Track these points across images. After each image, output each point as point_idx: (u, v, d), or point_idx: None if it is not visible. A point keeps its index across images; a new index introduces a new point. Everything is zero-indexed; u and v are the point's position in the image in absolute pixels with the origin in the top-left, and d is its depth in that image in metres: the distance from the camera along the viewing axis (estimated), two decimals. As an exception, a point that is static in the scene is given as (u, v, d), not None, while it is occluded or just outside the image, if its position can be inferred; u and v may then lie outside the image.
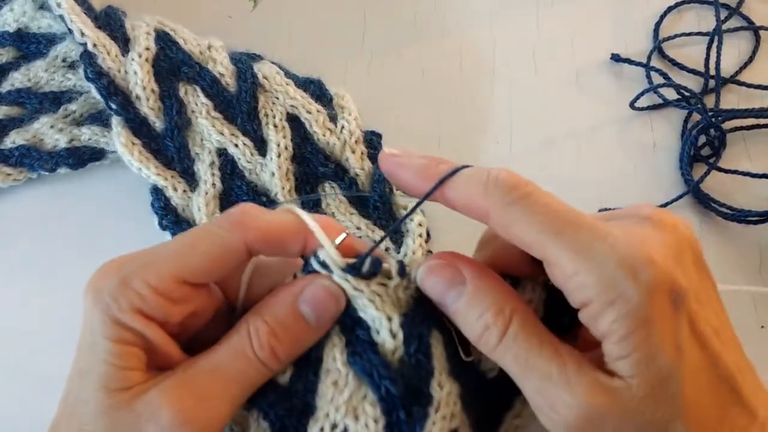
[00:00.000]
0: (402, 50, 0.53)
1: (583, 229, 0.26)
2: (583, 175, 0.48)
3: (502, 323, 0.27)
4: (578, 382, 0.25)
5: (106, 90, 0.44)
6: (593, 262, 0.25)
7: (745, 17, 0.53)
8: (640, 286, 0.25)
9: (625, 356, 0.25)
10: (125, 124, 0.44)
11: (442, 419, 0.27)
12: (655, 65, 0.51)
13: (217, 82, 0.45)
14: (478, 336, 0.27)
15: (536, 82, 0.52)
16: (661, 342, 0.25)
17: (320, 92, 0.47)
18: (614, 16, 0.55)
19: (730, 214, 0.45)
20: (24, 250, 0.45)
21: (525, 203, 0.27)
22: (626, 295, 0.25)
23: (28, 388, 0.40)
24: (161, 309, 0.27)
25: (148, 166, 0.44)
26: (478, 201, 0.28)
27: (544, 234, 0.26)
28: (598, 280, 0.25)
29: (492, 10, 0.55)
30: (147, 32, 0.45)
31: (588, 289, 0.25)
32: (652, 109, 0.50)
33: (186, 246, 0.28)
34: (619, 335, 0.25)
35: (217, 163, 0.44)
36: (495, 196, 0.27)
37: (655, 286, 0.25)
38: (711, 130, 0.47)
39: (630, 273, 0.25)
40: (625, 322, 0.25)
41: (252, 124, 0.45)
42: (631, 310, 0.25)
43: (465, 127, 0.50)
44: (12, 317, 0.43)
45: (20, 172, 0.46)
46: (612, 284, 0.25)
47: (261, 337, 0.28)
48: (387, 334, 0.28)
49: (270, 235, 0.29)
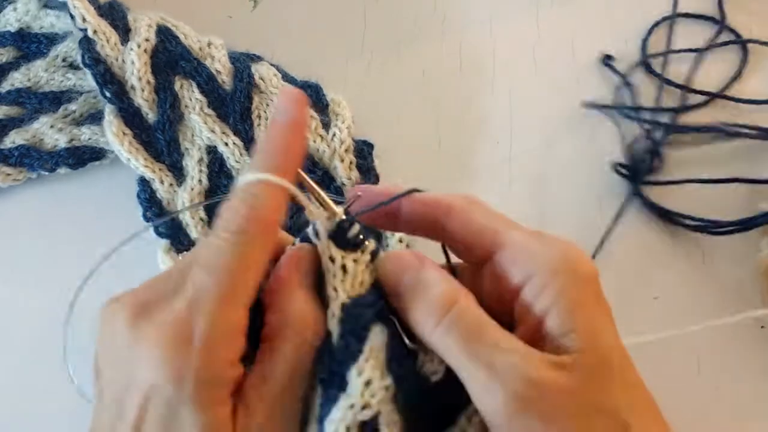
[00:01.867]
0: (402, 50, 0.53)
1: (521, 230, 0.28)
2: (585, 174, 0.48)
3: (448, 300, 0.27)
4: (531, 355, 0.25)
5: (102, 77, 0.44)
6: (541, 243, 0.27)
7: (732, 31, 0.53)
8: (582, 271, 0.27)
9: (572, 330, 0.25)
10: (118, 114, 0.44)
11: (348, 407, 0.26)
12: (640, 76, 0.51)
13: (213, 79, 0.45)
14: (420, 316, 0.27)
15: (536, 82, 0.52)
16: (605, 324, 0.26)
17: (317, 97, 0.47)
18: (614, 16, 0.55)
19: (694, 226, 0.44)
20: (24, 250, 0.45)
21: (482, 205, 0.29)
22: (570, 272, 0.26)
23: (27, 388, 0.40)
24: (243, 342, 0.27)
25: (137, 157, 0.44)
26: (440, 206, 0.29)
27: (500, 222, 0.29)
28: (546, 252, 0.27)
29: (492, 10, 0.55)
30: (149, 24, 0.46)
31: (535, 260, 0.27)
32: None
33: (236, 274, 0.26)
34: (565, 307, 0.26)
35: (206, 160, 0.44)
36: (454, 197, 0.29)
37: (593, 280, 0.27)
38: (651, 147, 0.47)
39: (574, 259, 0.27)
40: (569, 295, 0.26)
41: (244, 124, 0.45)
42: (575, 286, 0.26)
43: (465, 128, 0.50)
44: (12, 317, 0.43)
45: (20, 172, 0.46)
46: (559, 259, 0.27)
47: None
48: (330, 314, 0.28)
49: (279, 218, 0.28)
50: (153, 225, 0.43)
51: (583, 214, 0.46)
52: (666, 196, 0.46)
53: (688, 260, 0.44)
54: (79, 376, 0.35)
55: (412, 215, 0.30)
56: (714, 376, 0.40)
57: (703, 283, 0.43)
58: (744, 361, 0.41)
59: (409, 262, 0.29)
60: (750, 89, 0.51)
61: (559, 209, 0.46)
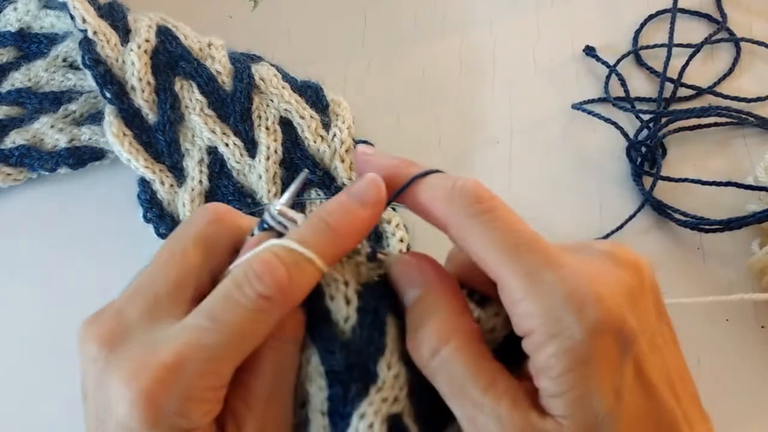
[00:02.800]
0: (402, 50, 0.53)
1: (537, 255, 0.25)
2: (584, 174, 0.48)
3: (441, 339, 0.26)
4: (510, 421, 0.24)
5: (102, 78, 0.44)
6: (541, 291, 0.24)
7: (727, 29, 0.53)
8: (584, 324, 0.24)
9: (560, 394, 0.24)
10: (118, 114, 0.44)
11: (381, 401, 0.26)
12: (627, 69, 0.52)
13: (213, 79, 0.45)
14: (415, 346, 0.26)
15: (536, 82, 0.52)
16: (600, 385, 0.24)
17: (317, 97, 0.47)
18: (615, 16, 0.55)
19: (684, 221, 0.44)
20: (24, 250, 0.45)
21: (485, 218, 0.26)
22: (569, 330, 0.24)
23: (27, 388, 0.40)
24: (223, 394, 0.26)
25: (138, 158, 0.44)
26: (440, 208, 0.27)
27: (499, 252, 0.25)
28: (543, 310, 0.24)
29: (492, 10, 0.55)
30: (149, 25, 0.46)
31: (532, 319, 0.24)
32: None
33: (243, 338, 0.25)
34: (557, 371, 0.24)
35: (206, 160, 0.44)
36: (457, 206, 0.26)
37: (601, 326, 0.24)
38: (648, 141, 0.47)
39: (576, 308, 0.24)
40: (563, 359, 0.24)
41: (244, 124, 0.45)
42: (572, 347, 0.24)
43: (465, 128, 0.50)
44: (12, 317, 0.43)
45: (20, 172, 0.46)
46: (556, 317, 0.24)
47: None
48: (342, 300, 0.27)
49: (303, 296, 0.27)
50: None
51: (583, 214, 0.46)
52: (662, 191, 0.46)
53: (685, 258, 0.44)
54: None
55: (415, 209, 0.29)
56: (714, 375, 0.40)
57: (698, 281, 0.44)
58: (744, 361, 0.41)
59: (412, 277, 0.27)
60: (740, 87, 0.51)
61: (560, 208, 0.46)
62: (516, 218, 0.26)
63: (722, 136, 0.49)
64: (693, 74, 0.51)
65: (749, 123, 0.48)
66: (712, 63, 0.53)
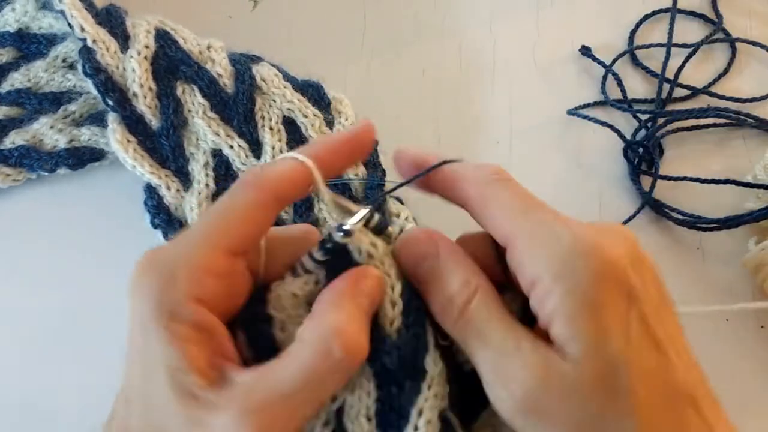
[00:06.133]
0: (402, 50, 0.53)
1: (547, 212, 0.27)
2: (583, 174, 0.48)
3: (466, 295, 0.27)
4: (532, 360, 0.25)
5: (104, 86, 0.44)
6: (548, 238, 0.26)
7: (723, 29, 0.53)
8: (589, 268, 0.25)
9: (573, 337, 0.25)
10: (121, 121, 0.44)
11: (434, 397, 0.27)
12: (624, 69, 0.52)
13: (214, 82, 0.45)
14: (441, 307, 0.27)
15: (536, 82, 0.52)
16: (610, 326, 0.25)
17: (318, 96, 0.47)
18: (614, 16, 0.55)
19: (682, 220, 0.45)
20: (24, 250, 0.45)
21: (503, 184, 0.28)
22: (576, 272, 0.25)
23: (28, 388, 0.40)
24: (216, 289, 0.26)
25: (143, 164, 0.44)
26: (461, 182, 0.29)
27: (512, 211, 0.27)
28: (550, 254, 0.25)
29: (492, 10, 0.55)
30: (147, 30, 0.45)
31: (539, 263, 0.26)
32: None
33: (218, 218, 0.27)
34: (566, 314, 0.25)
35: (212, 163, 0.44)
36: (478, 176, 0.29)
37: (605, 273, 0.25)
38: (646, 141, 0.47)
39: (582, 254, 0.25)
40: (571, 300, 0.25)
41: (248, 126, 0.45)
42: (579, 290, 0.25)
43: (465, 127, 0.50)
44: (12, 317, 0.42)
45: (20, 173, 0.46)
46: (563, 260, 0.25)
47: (343, 342, 0.25)
48: (387, 303, 0.27)
49: (286, 182, 0.28)
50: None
51: (582, 213, 0.46)
52: (660, 190, 0.46)
53: (684, 257, 0.45)
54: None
55: (438, 193, 0.30)
56: (713, 375, 0.40)
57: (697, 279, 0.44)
58: (744, 361, 0.41)
59: (425, 251, 0.28)
60: (736, 87, 0.51)
61: (559, 208, 0.46)
62: (530, 192, 0.28)
63: (720, 137, 0.49)
64: (688, 74, 0.51)
65: (747, 124, 0.48)
66: (707, 63, 0.53)
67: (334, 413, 0.27)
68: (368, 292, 0.27)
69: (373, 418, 0.27)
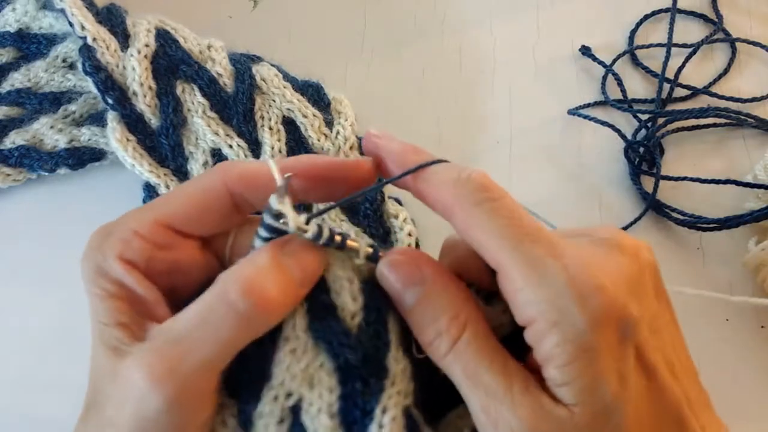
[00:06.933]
0: (402, 50, 0.53)
1: (540, 244, 0.25)
2: (583, 174, 0.48)
3: (456, 331, 0.26)
4: (523, 404, 0.25)
5: (104, 84, 0.44)
6: (542, 279, 0.25)
7: (723, 30, 0.54)
8: (586, 314, 0.24)
9: (568, 383, 0.24)
10: (121, 120, 0.44)
11: (397, 394, 0.26)
12: (624, 69, 0.52)
13: (214, 81, 0.45)
14: (429, 342, 0.27)
15: (536, 82, 0.52)
16: (605, 372, 0.24)
17: (318, 96, 0.47)
18: (614, 16, 0.55)
19: (682, 220, 0.45)
20: (24, 250, 0.45)
21: (491, 206, 0.26)
22: (571, 320, 0.24)
23: (28, 388, 0.40)
24: (143, 252, 0.27)
25: (142, 162, 0.44)
26: (446, 195, 0.27)
27: (502, 240, 0.25)
28: (545, 298, 0.24)
29: (492, 10, 0.55)
30: (147, 29, 0.45)
31: (533, 306, 0.25)
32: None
33: (169, 194, 0.29)
34: (561, 361, 0.24)
35: (211, 163, 0.44)
36: (463, 193, 0.27)
37: (602, 315, 0.24)
38: (646, 141, 0.47)
39: (578, 298, 0.24)
40: (567, 348, 0.24)
41: (247, 125, 0.45)
42: (575, 336, 0.24)
43: (465, 127, 0.50)
44: (12, 317, 0.42)
45: (20, 173, 0.46)
46: (558, 306, 0.24)
47: (241, 285, 0.25)
48: (348, 297, 0.27)
49: (248, 176, 0.28)
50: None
51: (583, 213, 0.46)
52: (660, 190, 0.46)
53: (685, 257, 0.45)
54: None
55: (416, 197, 0.29)
56: (714, 375, 0.40)
57: (697, 279, 0.44)
58: (744, 361, 0.41)
59: (411, 276, 0.27)
60: (736, 87, 0.51)
61: (559, 209, 0.46)
62: (521, 210, 0.27)
63: (721, 137, 0.49)
64: (688, 74, 0.51)
65: (747, 124, 0.48)
66: (707, 63, 0.53)
67: (290, 410, 0.26)
68: (291, 251, 0.27)
69: (336, 415, 0.26)
